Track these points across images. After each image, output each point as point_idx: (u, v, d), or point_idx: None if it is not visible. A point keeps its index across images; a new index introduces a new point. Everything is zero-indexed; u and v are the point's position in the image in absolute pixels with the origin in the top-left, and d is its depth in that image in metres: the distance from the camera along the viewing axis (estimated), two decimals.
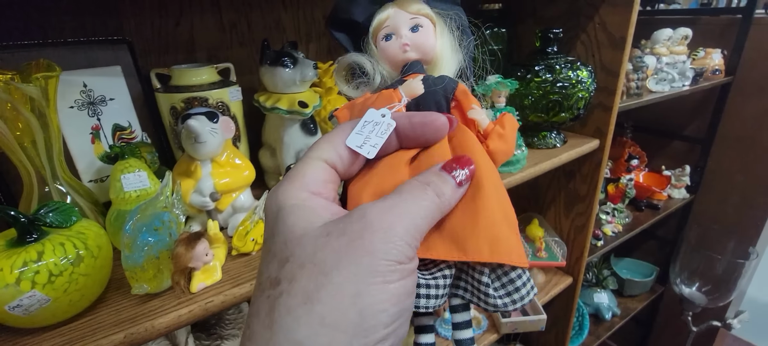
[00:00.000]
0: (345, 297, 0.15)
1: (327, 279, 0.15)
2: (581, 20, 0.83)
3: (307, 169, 0.20)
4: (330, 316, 0.15)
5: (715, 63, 1.21)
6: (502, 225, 0.20)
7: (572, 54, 0.87)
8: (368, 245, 0.16)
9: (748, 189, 1.35)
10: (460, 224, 0.20)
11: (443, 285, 0.21)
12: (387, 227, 0.17)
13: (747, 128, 1.31)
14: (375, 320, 0.15)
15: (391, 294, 0.16)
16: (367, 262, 0.16)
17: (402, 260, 0.17)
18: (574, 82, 0.73)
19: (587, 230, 0.96)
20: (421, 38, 0.26)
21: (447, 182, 0.20)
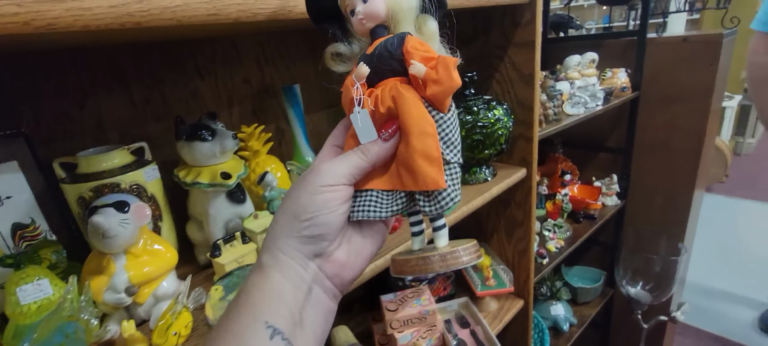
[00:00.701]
0: (291, 197, 0.30)
1: (289, 194, 0.31)
2: (493, 61, 0.89)
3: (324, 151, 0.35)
4: (284, 206, 0.31)
5: (621, 81, 1.33)
6: (423, 163, 0.28)
7: (490, 92, 0.92)
8: (311, 177, 0.30)
9: (668, 190, 1.48)
10: (400, 165, 0.30)
11: (398, 203, 0.31)
12: (322, 171, 0.30)
13: (658, 136, 1.44)
14: (303, 210, 0.29)
15: (314, 202, 0.29)
16: (304, 188, 0.30)
17: (324, 187, 0.30)
18: (492, 121, 0.78)
19: (529, 253, 1.00)
20: (370, 8, 0.30)
21: (374, 143, 0.31)
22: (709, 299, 2.14)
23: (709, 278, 2.28)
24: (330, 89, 0.91)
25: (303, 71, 0.87)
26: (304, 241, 0.29)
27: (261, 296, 0.28)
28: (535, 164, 0.91)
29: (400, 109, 0.29)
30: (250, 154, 0.73)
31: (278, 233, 0.30)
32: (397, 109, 0.30)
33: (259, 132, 0.73)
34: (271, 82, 0.82)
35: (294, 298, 0.29)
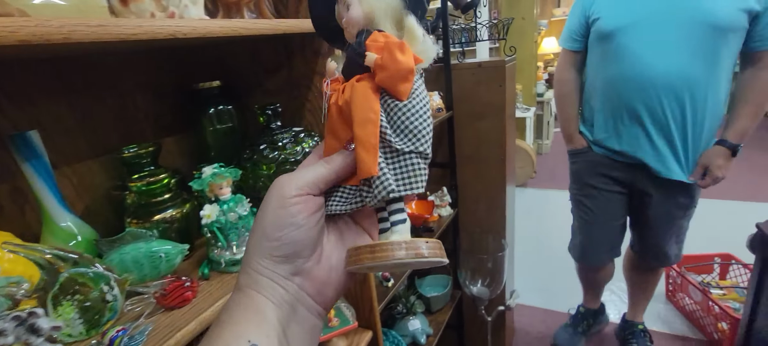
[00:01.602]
0: (258, 216, 0.29)
1: (269, 195, 0.29)
2: (302, 90, 0.85)
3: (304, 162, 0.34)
4: (254, 225, 0.30)
5: (437, 103, 1.47)
6: (361, 151, 0.28)
7: (304, 122, 0.87)
8: (275, 191, 0.29)
9: (486, 195, 1.69)
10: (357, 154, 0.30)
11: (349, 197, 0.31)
12: (284, 182, 0.29)
13: (471, 149, 1.64)
14: (271, 228, 0.28)
15: (279, 217, 0.28)
16: (271, 203, 0.29)
17: (288, 199, 0.28)
18: (302, 156, 0.72)
19: (368, 282, 0.97)
20: (350, 14, 0.30)
21: (339, 153, 0.31)
22: (536, 277, 2.53)
23: (534, 258, 2.72)
24: (102, 131, 0.73)
25: (53, 112, 0.67)
26: (278, 260, 0.28)
27: (243, 315, 0.27)
28: None
29: (351, 101, 0.29)
30: None
31: (251, 253, 0.29)
32: (349, 105, 0.30)
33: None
34: None
35: (277, 316, 0.28)
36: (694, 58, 1.24)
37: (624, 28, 1.33)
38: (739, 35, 1.22)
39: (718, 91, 1.28)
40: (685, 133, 1.34)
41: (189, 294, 0.55)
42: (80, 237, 0.61)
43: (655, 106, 1.32)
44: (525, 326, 2.18)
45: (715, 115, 1.33)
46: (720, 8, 1.19)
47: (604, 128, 1.48)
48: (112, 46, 0.62)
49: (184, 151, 0.89)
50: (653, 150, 1.39)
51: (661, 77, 1.29)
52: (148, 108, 0.81)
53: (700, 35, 1.21)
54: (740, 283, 1.98)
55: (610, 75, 1.41)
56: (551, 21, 6.18)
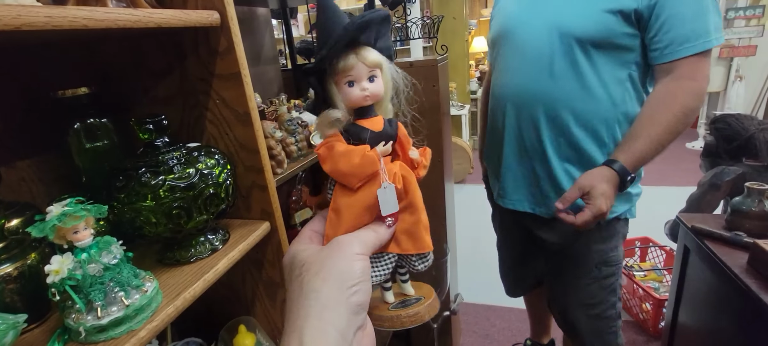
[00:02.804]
0: (332, 269, 0.29)
1: (324, 264, 0.30)
2: (200, 98, 0.70)
3: (303, 235, 0.35)
4: (328, 277, 0.29)
5: None
6: (424, 232, 0.36)
7: (205, 136, 0.73)
8: (340, 246, 0.31)
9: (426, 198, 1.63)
10: (400, 233, 0.36)
11: (388, 265, 0.36)
12: (349, 241, 0.32)
13: None
14: (348, 277, 0.29)
15: (351, 267, 0.30)
16: (341, 254, 0.30)
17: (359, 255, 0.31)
18: (194, 181, 0.58)
19: None
20: (376, 87, 0.34)
21: (381, 226, 0.34)
22: (478, 273, 2.56)
23: (474, 254, 2.75)
24: None
25: None
26: (354, 310, 0.29)
27: None
28: (279, 215, 0.77)
29: (410, 188, 0.35)
30: None
31: (325, 305, 0.28)
32: (406, 188, 0.35)
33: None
34: None
35: None
36: (544, 73, 1.00)
37: (496, 38, 1.17)
38: (616, 44, 0.94)
39: (593, 111, 0.98)
40: (546, 160, 1.06)
41: None
42: None
43: (508, 126, 1.11)
44: (470, 326, 2.18)
45: (593, 138, 1.01)
46: (576, 15, 0.94)
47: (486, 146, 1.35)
48: None
49: (47, 177, 0.70)
50: (507, 178, 1.17)
51: (511, 94, 1.08)
52: None
53: (555, 46, 0.97)
54: (658, 264, 2.14)
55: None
56: (480, 20, 6.42)
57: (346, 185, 0.34)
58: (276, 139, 0.84)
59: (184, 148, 0.62)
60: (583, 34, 0.95)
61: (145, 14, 0.50)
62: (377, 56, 0.34)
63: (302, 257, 0.31)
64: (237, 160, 0.72)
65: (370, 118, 0.35)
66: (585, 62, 0.96)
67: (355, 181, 0.33)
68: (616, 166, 0.92)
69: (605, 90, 0.98)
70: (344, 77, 0.34)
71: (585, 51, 0.96)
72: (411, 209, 0.35)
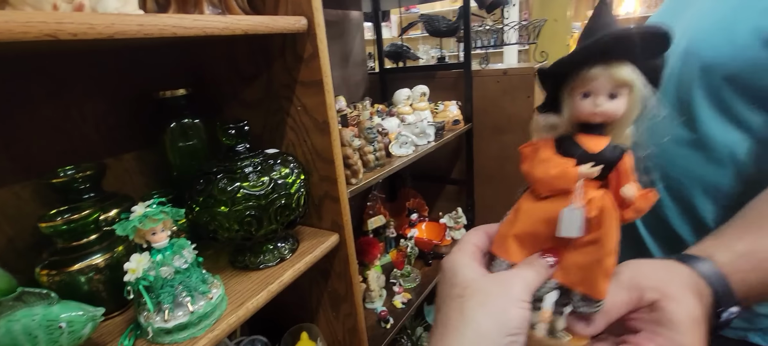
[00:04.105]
0: (495, 308, 0.28)
1: (488, 298, 0.29)
2: (283, 103, 0.70)
3: (466, 248, 0.33)
4: (491, 313, 0.28)
5: (453, 114, 1.29)
6: (603, 278, 0.30)
7: (285, 142, 0.72)
8: (508, 288, 0.29)
9: None
10: (577, 267, 0.31)
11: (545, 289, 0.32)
12: (517, 284, 0.29)
13: (493, 166, 1.46)
14: (514, 323, 0.28)
15: (514, 314, 0.28)
16: (507, 296, 0.29)
17: (523, 302, 0.29)
18: (268, 190, 0.57)
19: (359, 332, 0.82)
20: (613, 107, 0.29)
21: (541, 263, 0.31)
22: None
23: None
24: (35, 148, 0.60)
25: None
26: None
27: None
28: (349, 228, 0.73)
29: (605, 224, 0.30)
30: None
31: (481, 342, 0.27)
32: (600, 221, 0.30)
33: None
34: None
35: None
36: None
37: None
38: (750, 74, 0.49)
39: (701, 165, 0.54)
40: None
41: None
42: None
43: None
44: None
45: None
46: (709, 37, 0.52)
47: None
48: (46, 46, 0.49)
49: (146, 170, 0.76)
50: None
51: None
52: (99, 119, 0.68)
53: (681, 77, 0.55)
54: None
55: None
56: (585, 23, 5.84)
57: (536, 191, 0.32)
58: (353, 147, 0.82)
59: (261, 155, 0.61)
60: (711, 61, 0.51)
61: (232, 21, 0.49)
62: (630, 74, 0.28)
63: (466, 276, 0.31)
64: (312, 169, 0.71)
65: (594, 137, 0.30)
66: (700, 101, 0.53)
67: (544, 190, 0.32)
68: (702, 269, 0.35)
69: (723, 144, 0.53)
70: (581, 88, 0.30)
71: (706, 85, 0.52)
72: (597, 246, 0.30)
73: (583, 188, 0.30)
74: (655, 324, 0.30)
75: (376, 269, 1.17)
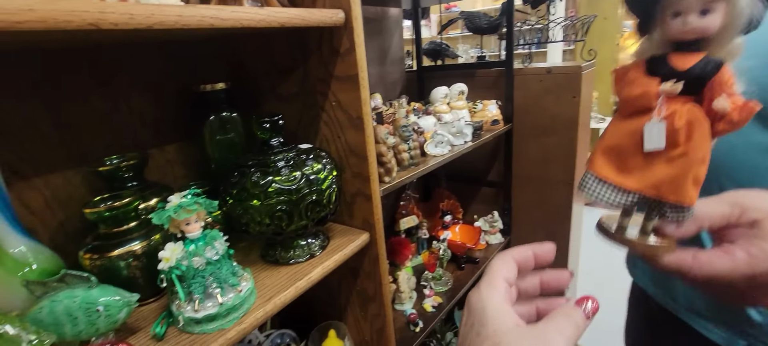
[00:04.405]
0: None
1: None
2: (318, 98, 0.69)
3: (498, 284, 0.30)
4: None
5: (492, 114, 1.25)
6: (690, 185, 0.31)
7: (319, 137, 0.72)
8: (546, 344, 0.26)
9: (546, 223, 1.43)
10: (667, 180, 0.32)
11: (630, 200, 0.35)
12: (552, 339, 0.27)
13: (533, 167, 1.39)
14: None
15: None
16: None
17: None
18: (299, 185, 0.56)
19: (387, 334, 0.80)
20: (705, 23, 0.29)
21: (579, 314, 0.28)
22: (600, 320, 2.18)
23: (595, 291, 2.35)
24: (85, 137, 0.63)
25: (22, 114, 0.58)
26: None
27: None
28: (380, 226, 0.72)
29: (693, 136, 0.31)
30: None
31: None
32: (687, 133, 0.31)
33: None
34: None
35: None
36: None
37: None
38: None
39: None
40: None
41: None
42: (36, 266, 0.51)
43: None
44: None
45: None
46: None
47: None
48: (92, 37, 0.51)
49: (186, 162, 0.78)
50: None
51: None
52: (144, 111, 0.71)
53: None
54: None
55: None
56: None
57: (622, 110, 0.34)
58: (388, 145, 0.80)
59: (294, 150, 0.61)
60: None
61: (269, 13, 0.49)
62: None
63: (499, 324, 0.28)
64: (345, 166, 0.70)
65: (686, 54, 0.31)
66: None
67: (629, 109, 0.33)
68: None
69: None
70: (671, 7, 0.30)
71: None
72: (685, 157, 0.31)
73: (665, 103, 0.31)
74: (753, 237, 0.32)
75: (407, 270, 1.15)
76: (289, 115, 0.73)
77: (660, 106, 0.31)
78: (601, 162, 0.34)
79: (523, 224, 1.48)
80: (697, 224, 0.33)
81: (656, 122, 0.31)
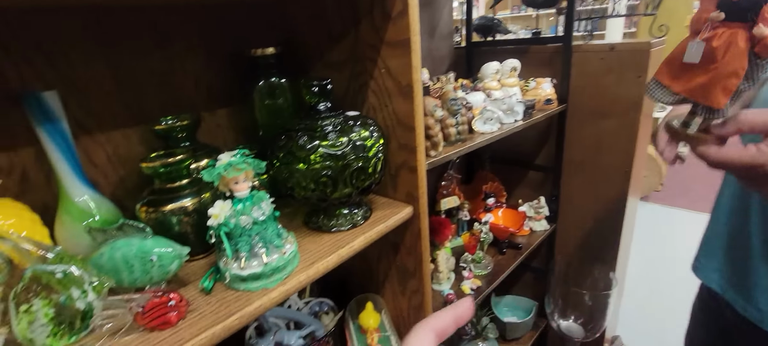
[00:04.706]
0: None
1: None
2: (367, 65, 0.67)
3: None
4: None
5: (546, 93, 1.17)
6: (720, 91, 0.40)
7: (366, 106, 0.70)
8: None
9: (598, 213, 1.34)
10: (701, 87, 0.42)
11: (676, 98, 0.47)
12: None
13: (587, 153, 1.30)
14: None
15: None
16: None
17: None
18: (346, 151, 0.55)
19: (425, 311, 0.79)
20: None
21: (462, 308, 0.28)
22: (647, 318, 2.06)
23: (647, 293, 2.22)
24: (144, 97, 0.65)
25: (89, 71, 0.60)
26: None
27: None
28: (424, 201, 0.70)
29: (727, 55, 0.39)
30: None
31: None
32: (724, 51, 0.39)
33: None
34: (22, 87, 0.55)
35: None
36: None
37: None
38: None
39: None
40: None
41: (172, 315, 0.43)
42: (98, 216, 0.54)
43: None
44: None
45: None
46: None
47: None
48: None
49: (236, 126, 0.80)
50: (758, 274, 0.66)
51: None
52: (198, 74, 0.72)
53: None
54: None
55: None
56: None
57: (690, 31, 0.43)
58: (436, 117, 0.77)
59: (341, 116, 0.59)
60: None
61: None
62: None
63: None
64: (391, 136, 0.68)
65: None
66: None
67: (690, 32, 0.43)
68: None
69: None
70: None
71: None
72: (718, 70, 0.40)
73: (709, 28, 0.40)
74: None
75: (446, 250, 1.13)
76: (336, 84, 0.71)
77: (704, 30, 0.40)
78: (662, 69, 0.45)
79: (570, 212, 1.40)
80: (736, 126, 0.41)
81: (697, 42, 0.41)
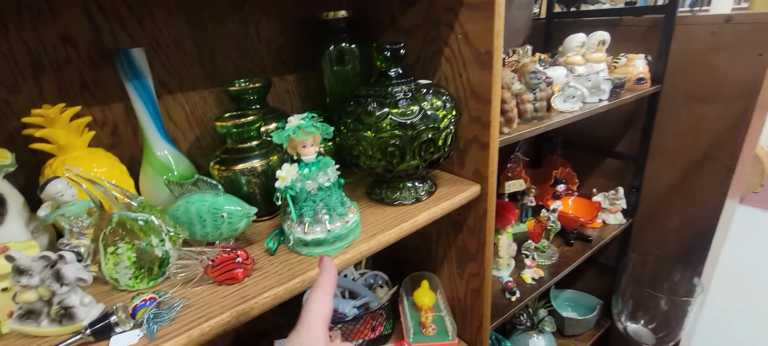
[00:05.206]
0: None
1: None
2: (442, 30, 0.63)
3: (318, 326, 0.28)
4: None
5: (638, 71, 1.03)
6: None
7: (438, 74, 0.66)
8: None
9: (687, 211, 1.19)
10: None
11: None
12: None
13: (680, 142, 1.14)
14: None
15: None
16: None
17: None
18: (415, 121, 0.52)
19: (483, 296, 0.75)
20: None
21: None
22: (738, 330, 1.84)
23: (734, 304, 1.98)
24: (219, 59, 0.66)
25: (172, 32, 0.62)
26: None
27: None
28: (493, 180, 0.65)
29: None
30: (54, 147, 0.50)
31: None
32: None
33: (67, 115, 0.50)
34: (114, 45, 0.58)
35: None
36: None
37: None
38: None
39: None
40: None
41: (239, 272, 0.44)
42: (176, 171, 0.57)
43: None
44: None
45: None
46: None
47: None
48: None
49: (304, 93, 0.80)
50: None
51: None
52: (270, 38, 0.72)
53: None
54: None
55: None
56: None
57: None
58: (513, 91, 0.71)
59: (413, 83, 0.56)
60: None
61: None
62: None
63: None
64: (463, 108, 0.63)
65: None
66: None
67: None
68: None
69: None
70: None
71: None
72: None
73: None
74: None
75: (507, 235, 1.07)
76: (408, 50, 0.68)
77: None
78: None
79: (652, 207, 1.26)
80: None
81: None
